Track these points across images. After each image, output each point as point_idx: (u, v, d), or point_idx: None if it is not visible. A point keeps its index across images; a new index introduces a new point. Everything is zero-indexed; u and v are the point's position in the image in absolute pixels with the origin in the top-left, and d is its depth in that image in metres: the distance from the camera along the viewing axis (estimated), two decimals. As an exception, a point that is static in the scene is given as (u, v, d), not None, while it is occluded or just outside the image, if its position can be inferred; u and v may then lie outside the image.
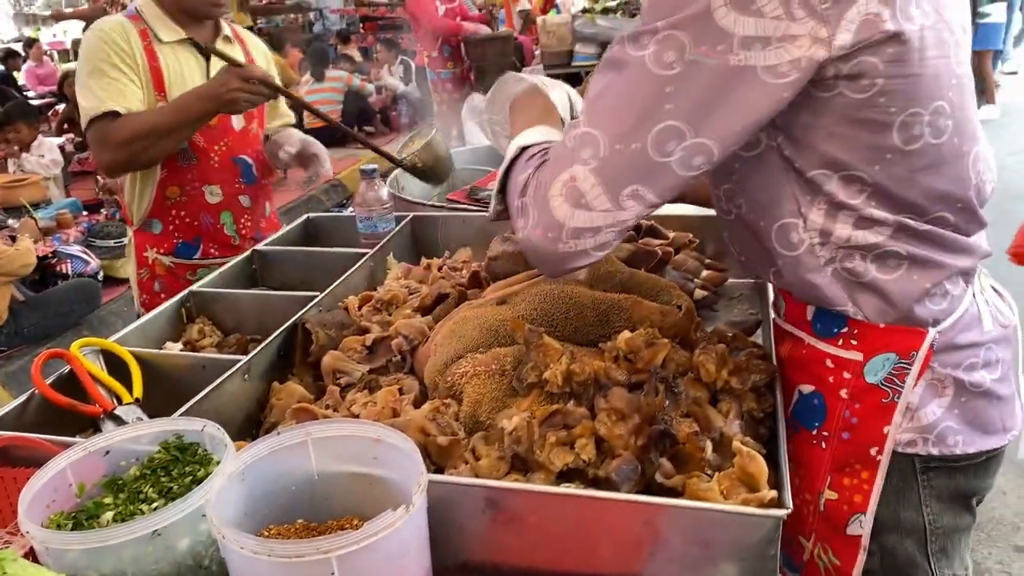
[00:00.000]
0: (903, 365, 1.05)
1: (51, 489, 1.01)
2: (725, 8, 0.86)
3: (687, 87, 0.89)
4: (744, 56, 0.87)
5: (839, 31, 0.88)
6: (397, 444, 0.97)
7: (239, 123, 2.26)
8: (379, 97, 9.76)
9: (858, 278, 1.05)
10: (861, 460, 1.10)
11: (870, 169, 0.98)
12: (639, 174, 0.94)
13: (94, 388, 1.32)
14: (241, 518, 0.97)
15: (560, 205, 0.96)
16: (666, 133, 0.91)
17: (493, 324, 1.28)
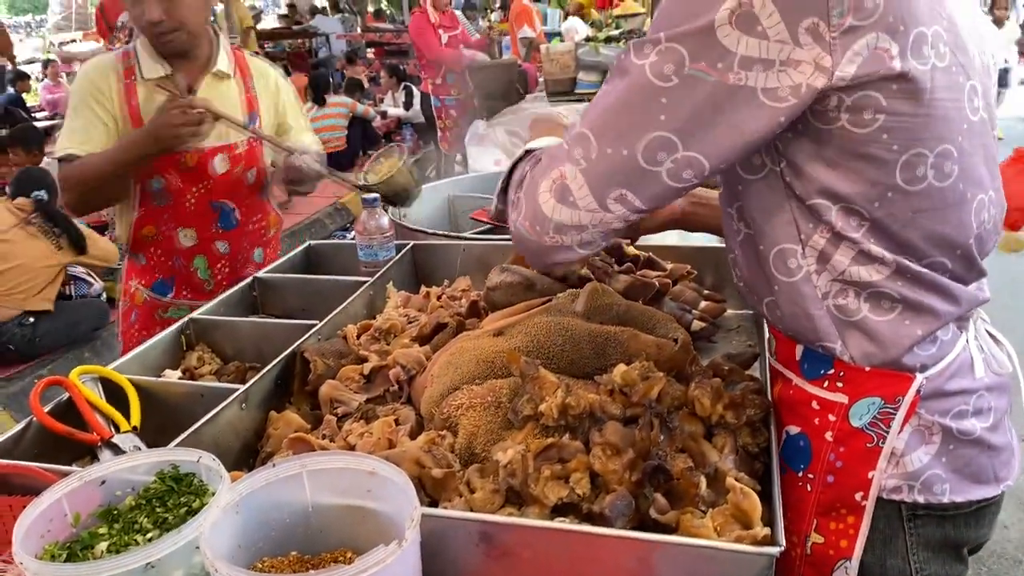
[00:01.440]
0: (888, 410, 1.04)
1: (47, 519, 1.01)
2: (729, 27, 0.86)
3: (682, 100, 0.90)
4: (743, 76, 0.87)
5: (843, 61, 0.87)
6: (391, 477, 0.98)
7: (221, 166, 2.16)
8: (383, 122, 9.83)
9: (849, 316, 1.04)
10: (847, 505, 1.09)
11: (870, 205, 0.97)
12: (627, 178, 0.95)
13: (92, 416, 1.33)
14: (235, 550, 0.97)
15: (547, 200, 0.99)
16: (656, 142, 0.92)
17: (490, 356, 1.29)
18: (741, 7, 0.85)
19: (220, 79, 2.16)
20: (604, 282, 1.49)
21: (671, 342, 1.29)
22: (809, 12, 0.85)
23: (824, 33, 0.85)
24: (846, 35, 0.86)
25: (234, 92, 2.18)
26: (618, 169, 0.94)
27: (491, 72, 6.85)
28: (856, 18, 0.85)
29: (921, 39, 0.89)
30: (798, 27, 0.85)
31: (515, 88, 6.77)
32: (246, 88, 2.23)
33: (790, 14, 0.85)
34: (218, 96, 2.10)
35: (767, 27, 0.85)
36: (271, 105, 2.28)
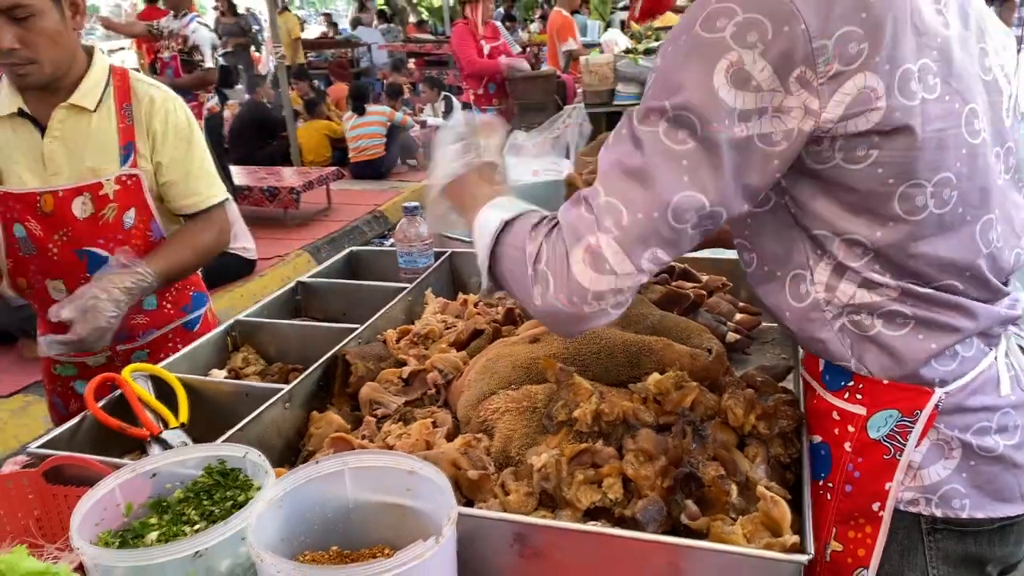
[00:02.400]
0: (906, 423, 1.06)
1: (101, 508, 1.06)
2: (727, 87, 0.91)
3: (701, 160, 0.93)
4: (745, 127, 0.92)
5: (831, 104, 0.91)
6: (430, 477, 1.01)
7: (84, 209, 1.83)
8: (422, 131, 9.93)
9: (864, 332, 1.06)
10: (864, 514, 1.11)
11: (871, 235, 1.00)
12: (659, 240, 0.97)
13: (143, 412, 1.38)
14: (278, 543, 1.01)
15: (583, 271, 0.98)
16: (684, 203, 0.95)
17: (525, 362, 1.32)
18: (733, 67, 0.90)
19: (79, 112, 1.83)
20: (639, 292, 1.52)
21: (705, 352, 1.31)
22: (798, 63, 0.90)
23: (812, 80, 0.90)
24: (833, 80, 0.90)
25: (100, 125, 1.84)
26: (652, 233, 0.96)
27: (530, 83, 6.90)
28: (841, 63, 0.90)
29: (908, 76, 0.92)
30: (788, 77, 0.90)
31: (554, 99, 6.82)
32: (120, 116, 1.87)
33: (780, 67, 0.90)
34: (77, 133, 1.83)
35: (760, 81, 0.90)
36: (149, 136, 1.89)
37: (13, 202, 1.84)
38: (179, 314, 2.01)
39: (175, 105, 1.93)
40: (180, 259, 1.89)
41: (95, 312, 1.64)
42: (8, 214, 1.86)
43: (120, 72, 1.92)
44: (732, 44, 0.90)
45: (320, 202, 7.85)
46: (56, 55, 1.74)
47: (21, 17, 1.64)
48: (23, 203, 1.83)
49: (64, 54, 1.76)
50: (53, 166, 1.82)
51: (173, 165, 1.91)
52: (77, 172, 1.83)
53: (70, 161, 1.83)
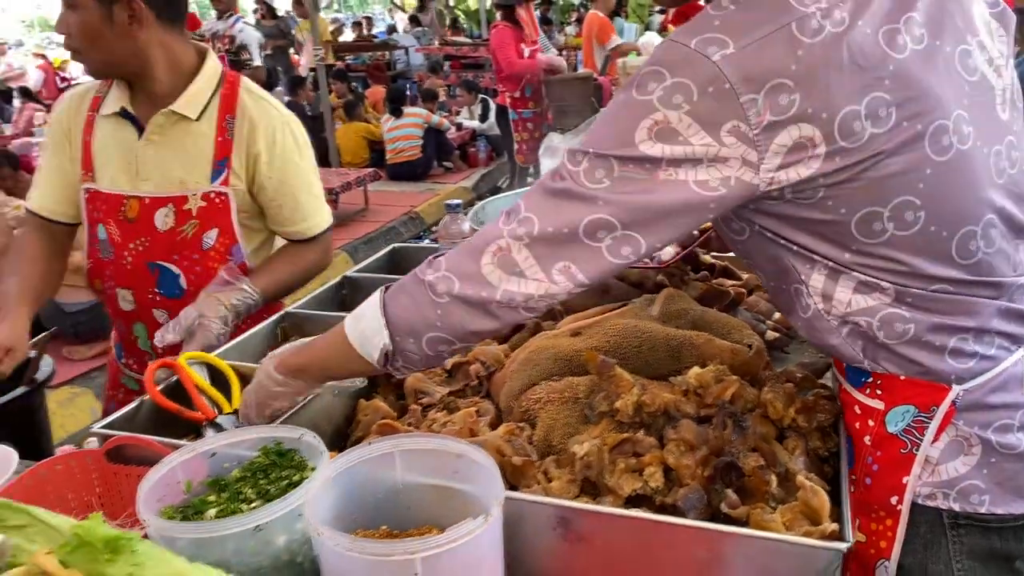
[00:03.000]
0: (922, 419, 1.07)
1: (163, 485, 1.11)
2: (650, 142, 0.94)
3: (617, 195, 0.97)
4: (673, 172, 0.95)
5: (768, 154, 0.93)
6: (478, 460, 1.05)
7: (165, 222, 1.81)
8: (458, 133, 10.01)
9: (870, 338, 1.08)
10: (884, 507, 1.12)
11: (841, 256, 1.02)
12: (570, 252, 1.01)
13: (198, 397, 1.44)
14: (332, 521, 1.05)
15: (492, 271, 1.04)
16: (595, 224, 0.99)
17: (567, 354, 1.35)
18: (658, 125, 0.93)
19: (179, 119, 1.80)
20: (680, 288, 1.54)
21: (745, 348, 1.33)
22: (728, 117, 0.91)
23: (747, 132, 0.92)
24: (767, 131, 0.92)
25: (198, 137, 1.81)
26: (563, 244, 1.00)
27: (567, 85, 6.93)
28: (773, 114, 0.91)
29: (851, 117, 0.92)
30: (719, 131, 0.92)
31: (590, 102, 6.84)
32: (220, 128, 1.81)
33: (709, 124, 0.92)
34: (173, 140, 1.80)
35: (688, 136, 0.93)
36: (247, 155, 1.82)
37: (100, 202, 1.85)
38: None
39: (284, 124, 1.85)
40: (283, 278, 1.89)
41: (204, 331, 1.65)
42: (95, 214, 1.87)
43: (231, 80, 1.85)
44: (658, 105, 0.93)
45: (358, 203, 7.96)
46: (97, 54, 1.71)
47: (71, 5, 1.67)
48: (109, 204, 1.83)
49: (109, 55, 1.72)
50: (144, 171, 1.81)
51: (282, 188, 1.85)
52: (166, 180, 1.80)
53: (160, 168, 1.80)
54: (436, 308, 1.07)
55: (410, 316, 1.11)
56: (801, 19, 0.91)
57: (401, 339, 1.12)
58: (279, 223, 1.92)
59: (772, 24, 0.91)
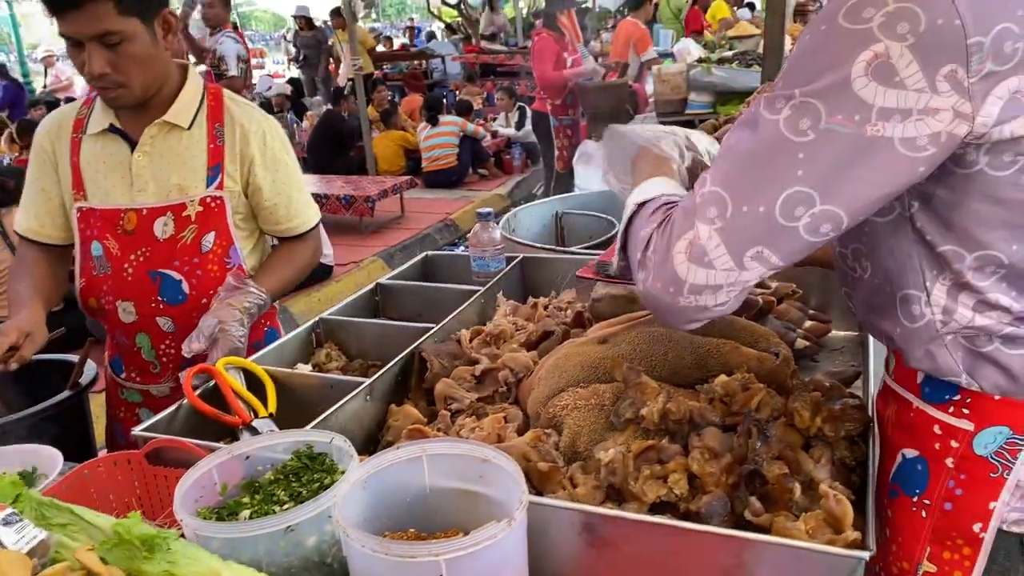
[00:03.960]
0: (1017, 440, 1.01)
1: (200, 486, 1.15)
2: (865, 78, 0.84)
3: (820, 154, 0.88)
4: (881, 127, 0.85)
5: (984, 106, 0.84)
6: (503, 465, 1.06)
7: (165, 231, 1.85)
8: (493, 141, 10.06)
9: (979, 348, 1.02)
10: (963, 535, 1.07)
11: (1008, 248, 0.94)
12: (764, 236, 0.93)
13: (235, 401, 1.48)
14: (361, 523, 1.08)
15: (682, 262, 0.97)
16: (795, 198, 0.90)
17: (594, 361, 1.37)
18: (878, 58, 0.84)
19: (171, 129, 1.86)
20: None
21: (772, 356, 1.33)
22: (948, 59, 0.82)
23: (963, 79, 0.83)
24: (985, 80, 0.83)
25: (192, 144, 1.87)
26: (756, 227, 0.92)
27: (601, 92, 6.94)
28: (995, 63, 0.82)
29: None
30: (936, 74, 0.83)
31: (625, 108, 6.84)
32: (211, 136, 1.88)
33: (929, 62, 0.83)
34: (167, 150, 1.86)
35: (904, 77, 0.83)
36: (241, 159, 1.90)
37: (96, 218, 1.88)
38: (250, 351, 1.87)
39: (271, 127, 1.95)
40: (285, 277, 1.97)
41: (226, 336, 1.70)
42: (89, 231, 1.89)
43: (214, 91, 1.94)
44: (878, 34, 0.83)
45: (394, 210, 8.05)
46: (147, 78, 1.77)
47: (113, 43, 1.67)
48: (105, 220, 1.87)
49: (155, 75, 1.79)
50: (140, 181, 1.85)
51: (276, 188, 1.93)
52: (164, 188, 1.85)
53: (157, 177, 1.85)
54: (638, 284, 1.05)
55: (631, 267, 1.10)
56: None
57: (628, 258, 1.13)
58: (274, 222, 1.98)
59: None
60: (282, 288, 1.96)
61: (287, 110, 11.37)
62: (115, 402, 2.10)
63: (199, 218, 1.87)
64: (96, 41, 1.66)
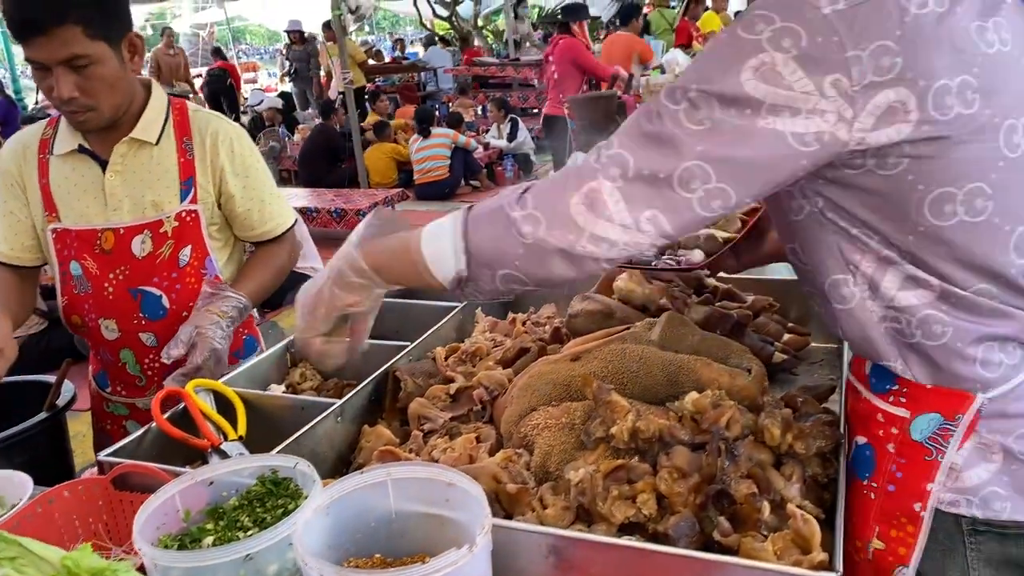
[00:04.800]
0: (948, 426, 1.08)
1: (162, 513, 1.13)
2: (754, 81, 0.95)
3: (715, 139, 0.97)
4: (772, 120, 0.95)
5: (863, 114, 0.94)
6: (468, 489, 1.05)
7: (143, 248, 1.86)
8: (485, 153, 10.08)
9: (906, 339, 1.09)
10: (906, 514, 1.13)
11: (904, 239, 1.03)
12: (662, 203, 1.00)
13: (204, 424, 1.46)
14: (325, 549, 1.06)
15: (581, 212, 1.02)
16: (692, 171, 0.98)
17: (566, 379, 1.35)
18: (764, 65, 0.94)
19: (140, 146, 1.86)
20: (682, 312, 1.54)
21: (744, 372, 1.32)
22: (832, 70, 0.93)
23: (847, 88, 0.93)
24: (867, 90, 0.93)
25: (162, 159, 1.88)
26: (655, 191, 1.00)
27: (590, 103, 6.95)
28: (875, 75, 0.92)
29: (943, 91, 0.94)
30: (824, 81, 0.93)
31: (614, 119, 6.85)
32: (181, 150, 1.90)
33: (814, 72, 0.93)
34: (138, 167, 1.86)
35: (792, 82, 0.94)
36: (212, 170, 1.91)
37: (72, 239, 1.87)
38: (232, 360, 1.95)
39: (239, 135, 1.96)
40: (264, 280, 1.98)
41: (203, 339, 1.71)
42: (66, 251, 1.89)
43: (179, 105, 1.94)
44: (766, 46, 0.94)
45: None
46: (115, 99, 1.77)
47: (80, 66, 1.67)
48: (82, 240, 1.86)
49: (123, 97, 1.79)
50: (114, 200, 1.85)
51: (248, 194, 1.95)
52: (139, 206, 1.85)
53: (131, 195, 1.85)
54: (519, 247, 1.06)
55: (491, 249, 1.08)
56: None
57: (477, 269, 1.10)
58: (248, 228, 1.99)
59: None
60: (261, 291, 1.97)
61: (279, 124, 11.39)
62: (102, 415, 2.10)
63: (175, 233, 1.88)
64: (64, 65, 1.66)
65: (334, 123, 9.79)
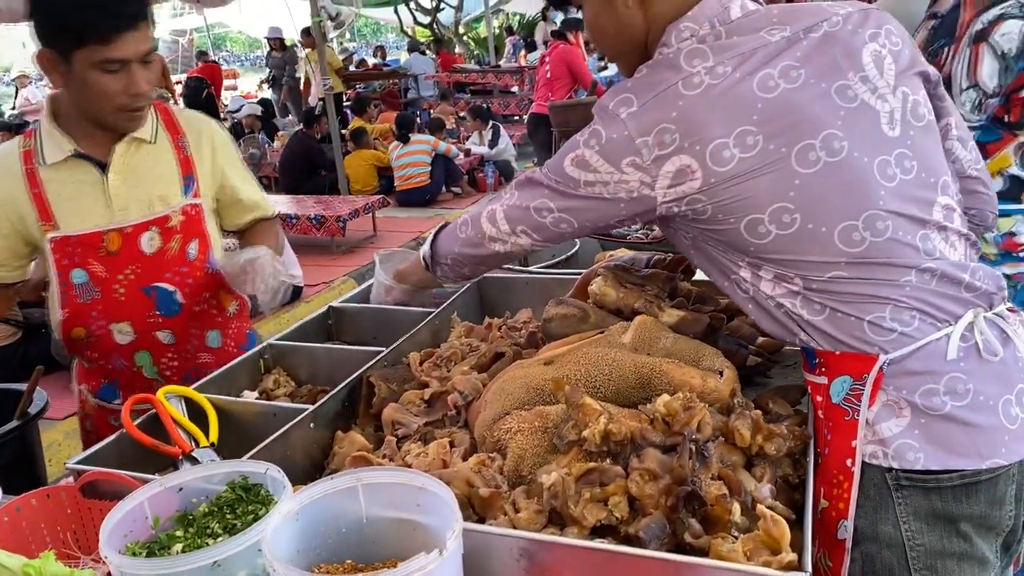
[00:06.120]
0: (857, 386, 1.24)
1: (130, 520, 1.12)
2: (571, 166, 1.31)
3: (558, 192, 1.35)
4: (589, 190, 1.30)
5: (659, 177, 1.23)
6: (439, 493, 1.05)
7: (151, 244, 1.87)
8: (466, 160, 10.08)
9: (795, 317, 1.28)
10: (842, 471, 1.26)
11: (749, 255, 1.26)
12: (527, 221, 1.41)
13: (175, 431, 1.45)
14: (294, 555, 1.06)
15: (486, 223, 1.47)
16: (541, 205, 1.37)
17: (538, 383, 1.35)
18: (577, 157, 1.29)
19: (139, 145, 1.89)
20: (656, 316, 1.54)
21: (715, 374, 1.33)
22: (627, 153, 1.24)
23: (641, 163, 1.23)
24: (656, 162, 1.22)
25: (162, 157, 1.92)
26: (523, 213, 1.41)
27: (570, 111, 6.99)
28: (660, 150, 1.21)
29: (721, 147, 1.19)
30: (621, 163, 1.25)
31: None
32: (177, 148, 1.95)
33: (612, 158, 1.25)
34: (137, 165, 1.88)
35: (596, 166, 1.27)
36: (208, 162, 1.99)
37: (73, 246, 1.84)
38: (238, 352, 2.00)
39: (217, 128, 2.06)
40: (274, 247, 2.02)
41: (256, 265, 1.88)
42: (65, 260, 1.85)
43: (161, 106, 1.97)
44: (580, 143, 1.29)
45: (366, 230, 8.01)
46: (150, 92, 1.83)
47: (149, 61, 1.74)
48: (85, 245, 1.84)
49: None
50: (119, 201, 1.85)
51: (238, 183, 2.06)
52: (146, 203, 1.87)
53: (136, 194, 1.86)
54: (456, 240, 1.57)
55: (443, 242, 1.63)
56: (687, 77, 1.21)
57: (439, 257, 1.64)
58: (246, 211, 2.11)
59: (664, 84, 1.23)
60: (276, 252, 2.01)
61: (258, 131, 11.33)
62: (106, 431, 1.99)
63: (182, 227, 1.91)
64: (139, 61, 1.73)
65: (315, 131, 9.75)
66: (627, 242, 1.86)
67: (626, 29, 1.37)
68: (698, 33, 1.26)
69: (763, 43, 1.22)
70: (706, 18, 1.27)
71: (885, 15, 1.32)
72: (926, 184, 1.25)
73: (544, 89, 8.42)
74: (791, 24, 1.25)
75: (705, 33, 1.26)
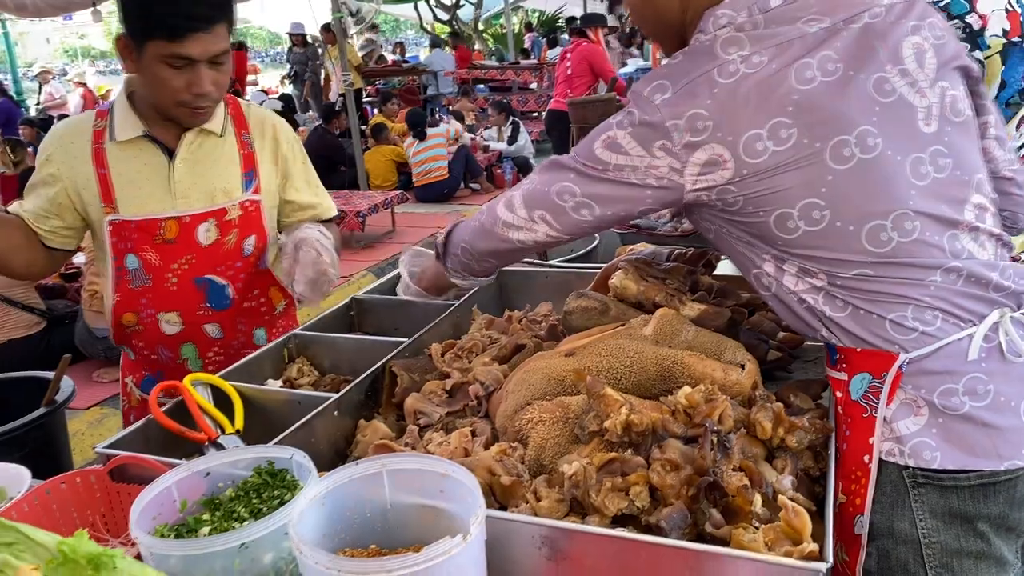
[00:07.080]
0: (876, 384, 1.23)
1: (158, 503, 1.14)
2: (601, 148, 1.29)
3: (584, 175, 1.33)
4: (618, 174, 1.29)
5: (689, 164, 1.22)
6: (462, 479, 1.06)
7: (208, 236, 1.89)
8: (485, 156, 10.09)
9: (818, 314, 1.27)
10: (859, 467, 1.26)
11: (776, 248, 1.26)
12: (547, 206, 1.38)
13: (201, 418, 1.47)
14: (320, 539, 1.07)
15: (502, 209, 1.45)
16: (564, 189, 1.35)
17: (560, 374, 1.36)
18: (609, 139, 1.28)
19: (207, 136, 1.91)
20: (677, 309, 1.55)
21: (737, 367, 1.33)
22: (658, 137, 1.22)
23: (671, 148, 1.22)
24: (687, 148, 1.21)
25: (227, 150, 1.94)
26: (542, 197, 1.38)
27: (589, 107, 6.98)
28: (692, 136, 1.20)
29: (754, 139, 1.17)
30: (652, 147, 1.24)
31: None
32: (241, 143, 1.97)
33: (644, 141, 1.24)
34: (203, 157, 1.90)
35: (627, 149, 1.26)
36: (270, 160, 2.01)
37: (131, 231, 1.84)
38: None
39: (282, 122, 2.08)
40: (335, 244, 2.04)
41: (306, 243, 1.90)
42: (122, 244, 1.86)
43: (231, 100, 1.98)
44: (614, 125, 1.29)
45: (385, 225, 8.05)
46: (221, 95, 1.85)
47: (219, 63, 1.76)
48: (143, 231, 1.85)
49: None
50: (181, 189, 1.86)
51: (304, 179, 2.10)
52: (207, 194, 1.88)
53: (198, 185, 1.88)
54: (469, 228, 1.57)
55: (458, 231, 1.62)
56: (721, 65, 1.19)
57: (451, 246, 1.63)
58: (309, 207, 2.10)
59: (699, 71, 1.21)
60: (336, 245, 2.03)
61: (279, 126, 11.36)
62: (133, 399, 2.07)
63: (240, 222, 1.93)
64: (208, 62, 1.73)
65: (334, 127, 9.78)
66: (656, 235, 1.87)
67: (664, 14, 1.36)
68: (735, 20, 1.23)
69: (801, 34, 1.19)
70: (744, 5, 1.24)
71: (929, 7, 1.28)
72: (960, 182, 1.23)
73: (563, 85, 8.46)
74: (831, 14, 1.21)
75: (743, 21, 1.23)
